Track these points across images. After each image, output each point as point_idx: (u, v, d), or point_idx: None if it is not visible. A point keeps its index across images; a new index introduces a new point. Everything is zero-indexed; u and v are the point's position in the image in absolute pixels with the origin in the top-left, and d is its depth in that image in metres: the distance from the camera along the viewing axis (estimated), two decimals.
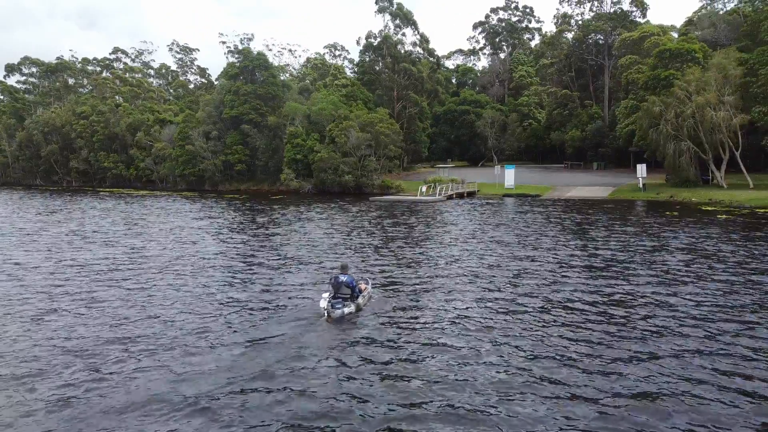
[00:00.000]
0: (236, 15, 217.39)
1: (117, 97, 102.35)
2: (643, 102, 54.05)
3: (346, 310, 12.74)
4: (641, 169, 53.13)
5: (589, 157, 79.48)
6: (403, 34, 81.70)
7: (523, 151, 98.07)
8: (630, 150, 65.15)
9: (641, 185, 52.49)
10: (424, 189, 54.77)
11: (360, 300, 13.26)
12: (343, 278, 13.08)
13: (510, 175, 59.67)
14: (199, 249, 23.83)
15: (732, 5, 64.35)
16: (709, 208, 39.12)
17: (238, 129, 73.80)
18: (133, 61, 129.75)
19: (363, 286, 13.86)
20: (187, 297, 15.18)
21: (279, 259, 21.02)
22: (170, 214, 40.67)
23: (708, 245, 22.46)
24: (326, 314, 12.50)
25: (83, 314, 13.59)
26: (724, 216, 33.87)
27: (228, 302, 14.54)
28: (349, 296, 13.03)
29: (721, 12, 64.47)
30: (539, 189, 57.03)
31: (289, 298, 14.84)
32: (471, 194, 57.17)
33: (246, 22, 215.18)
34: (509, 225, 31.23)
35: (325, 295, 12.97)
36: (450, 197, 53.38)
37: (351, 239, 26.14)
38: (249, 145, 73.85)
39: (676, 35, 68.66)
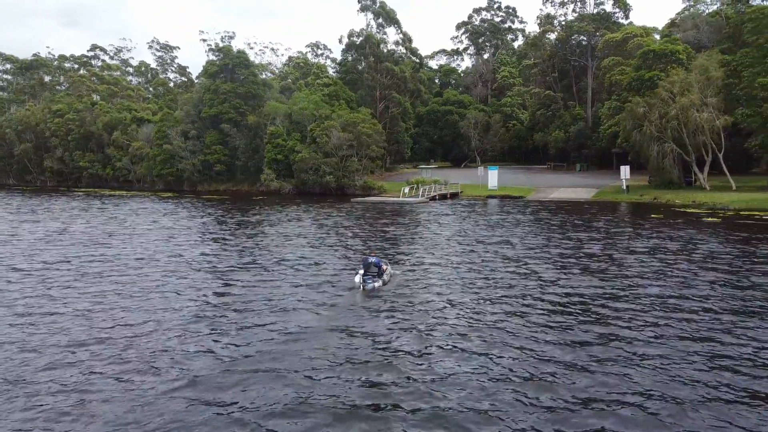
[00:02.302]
0: (220, 13, 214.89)
1: (94, 95, 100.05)
2: (626, 103, 53.82)
3: (376, 284, 15.85)
4: (624, 170, 52.85)
5: (572, 158, 79.26)
6: (386, 34, 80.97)
7: (506, 151, 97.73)
8: (613, 151, 65.00)
9: (624, 187, 52.22)
10: (406, 190, 53.97)
11: (385, 276, 16.34)
12: (371, 259, 16.23)
13: (493, 177, 59.14)
14: (163, 254, 22.76)
15: (714, 7, 64.47)
16: (693, 210, 38.83)
17: (218, 128, 72.34)
18: (111, 58, 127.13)
19: (384, 267, 16.54)
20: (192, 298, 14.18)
21: (247, 267, 20.04)
22: (141, 215, 39.34)
23: (697, 248, 21.92)
24: (361, 287, 15.60)
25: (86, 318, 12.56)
26: (710, 219, 33.52)
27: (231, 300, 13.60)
28: (376, 273, 16.05)
29: (703, 14, 64.55)
30: (523, 190, 56.56)
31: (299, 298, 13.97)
32: (454, 195, 56.53)
33: (229, 20, 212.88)
34: (494, 227, 30.51)
35: (360, 272, 16.03)
36: (433, 198, 52.68)
37: (331, 241, 25.20)
38: (229, 144, 72.43)
39: (658, 37, 68.63)
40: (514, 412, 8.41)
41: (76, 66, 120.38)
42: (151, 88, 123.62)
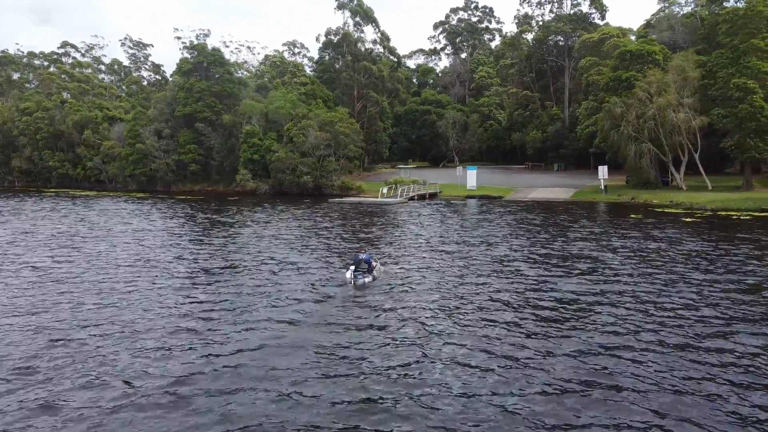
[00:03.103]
0: (198, 11, 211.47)
1: (64, 93, 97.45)
2: (604, 103, 53.93)
3: (366, 279, 16.35)
4: (602, 170, 52.94)
5: (549, 158, 79.44)
6: (363, 32, 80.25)
7: (484, 151, 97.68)
8: (590, 151, 65.20)
9: (602, 187, 52.29)
10: (385, 190, 53.35)
11: (375, 273, 16.86)
12: (362, 256, 16.74)
13: (472, 177, 58.87)
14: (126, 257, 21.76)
15: (689, 9, 65.01)
16: (672, 210, 38.90)
17: (192, 127, 70.88)
18: (83, 56, 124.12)
19: (374, 264, 17.09)
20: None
21: (220, 272, 19.20)
22: (109, 216, 38.02)
23: (681, 248, 21.66)
24: (352, 283, 16.11)
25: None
26: (689, 219, 33.52)
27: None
28: (366, 270, 16.53)
29: (678, 15, 65.04)
30: (501, 190, 56.36)
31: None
32: (433, 195, 56.09)
33: (208, 18, 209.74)
34: (475, 228, 30.03)
35: (351, 268, 16.52)
36: (412, 199, 52.17)
37: (309, 243, 24.41)
38: (203, 144, 71.01)
39: (634, 38, 69.09)
40: (498, 413, 8.34)
41: (47, 63, 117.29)
42: (124, 87, 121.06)
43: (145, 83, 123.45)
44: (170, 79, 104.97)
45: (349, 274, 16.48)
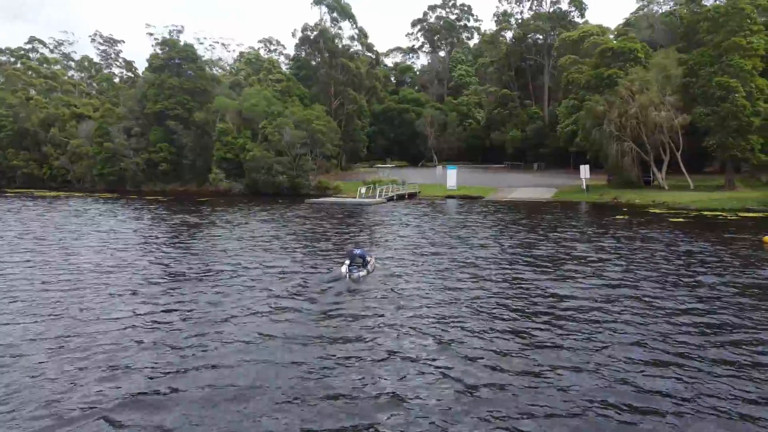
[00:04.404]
0: (170, 8, 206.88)
1: (30, 90, 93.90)
2: (585, 101, 53.22)
3: (361, 273, 16.62)
4: (584, 170, 52.17)
5: (529, 158, 78.76)
6: (341, 28, 78.45)
7: (464, 151, 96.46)
8: (570, 150, 64.50)
9: (584, 187, 51.50)
10: (363, 190, 51.83)
11: (369, 267, 17.24)
12: (357, 251, 17.28)
13: (452, 176, 57.68)
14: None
15: (668, 7, 64.75)
16: (657, 211, 38.12)
17: (163, 125, 68.47)
18: (51, 52, 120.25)
19: (369, 258, 17.57)
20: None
21: (174, 279, 17.50)
22: (72, 217, 35.82)
23: (677, 249, 20.57)
24: (347, 277, 16.33)
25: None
26: (676, 219, 32.66)
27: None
28: (361, 264, 16.91)
29: (657, 14, 64.74)
30: (482, 190, 55.27)
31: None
32: (412, 196, 54.76)
33: (184, 15, 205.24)
34: (457, 228, 28.65)
35: (347, 263, 16.83)
36: (391, 199, 50.79)
37: (287, 245, 22.77)
38: (175, 142, 68.60)
39: (613, 36, 68.64)
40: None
41: (13, 59, 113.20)
42: (95, 84, 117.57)
43: (117, 80, 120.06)
44: (141, 75, 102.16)
45: (344, 269, 16.80)
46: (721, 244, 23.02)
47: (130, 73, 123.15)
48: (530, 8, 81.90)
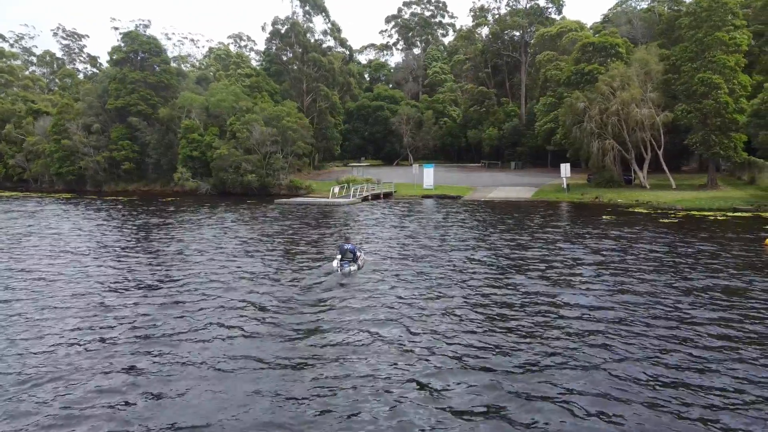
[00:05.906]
0: (143, 3, 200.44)
1: None
2: (564, 98, 51.73)
3: (352, 268, 16.98)
4: (565, 168, 50.62)
5: (506, 156, 77.24)
6: (313, 22, 75.80)
7: (440, 149, 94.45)
8: (548, 149, 63.09)
9: (565, 186, 49.97)
10: (336, 190, 49.50)
11: (359, 262, 17.58)
12: (347, 246, 17.25)
13: (429, 175, 55.67)
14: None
15: (646, 4, 63.78)
16: (643, 211, 36.64)
17: (125, 122, 65.07)
18: (11, 46, 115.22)
19: (359, 254, 17.80)
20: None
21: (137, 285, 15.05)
22: (25, 219, 32.77)
23: (674, 251, 18.81)
24: (339, 271, 16.77)
25: None
26: (664, 220, 31.12)
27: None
28: (352, 259, 17.14)
29: (636, 10, 63.69)
30: (460, 190, 53.39)
31: None
32: (388, 195, 52.60)
33: (153, 10, 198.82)
34: (435, 229, 26.58)
35: (338, 258, 17.18)
36: (365, 198, 48.59)
37: (252, 248, 20.39)
38: (138, 140, 65.22)
39: (592, 32, 67.50)
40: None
41: None
42: (57, 80, 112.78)
43: (81, 76, 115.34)
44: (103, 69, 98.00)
45: (336, 263, 17.11)
46: (721, 246, 21.35)
47: (95, 69, 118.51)
48: (507, 4, 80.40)
